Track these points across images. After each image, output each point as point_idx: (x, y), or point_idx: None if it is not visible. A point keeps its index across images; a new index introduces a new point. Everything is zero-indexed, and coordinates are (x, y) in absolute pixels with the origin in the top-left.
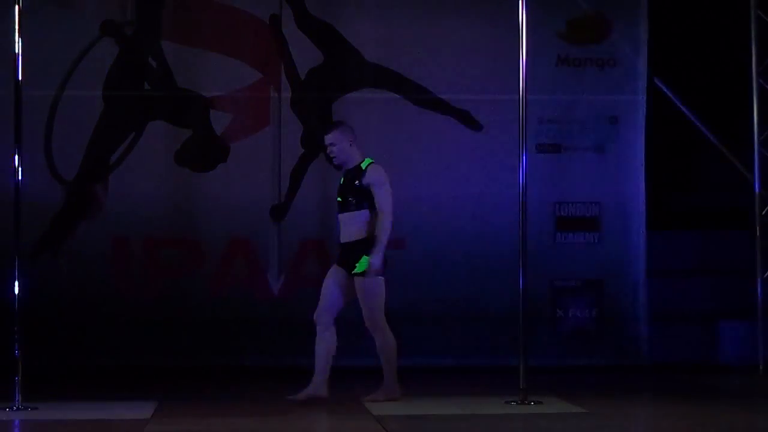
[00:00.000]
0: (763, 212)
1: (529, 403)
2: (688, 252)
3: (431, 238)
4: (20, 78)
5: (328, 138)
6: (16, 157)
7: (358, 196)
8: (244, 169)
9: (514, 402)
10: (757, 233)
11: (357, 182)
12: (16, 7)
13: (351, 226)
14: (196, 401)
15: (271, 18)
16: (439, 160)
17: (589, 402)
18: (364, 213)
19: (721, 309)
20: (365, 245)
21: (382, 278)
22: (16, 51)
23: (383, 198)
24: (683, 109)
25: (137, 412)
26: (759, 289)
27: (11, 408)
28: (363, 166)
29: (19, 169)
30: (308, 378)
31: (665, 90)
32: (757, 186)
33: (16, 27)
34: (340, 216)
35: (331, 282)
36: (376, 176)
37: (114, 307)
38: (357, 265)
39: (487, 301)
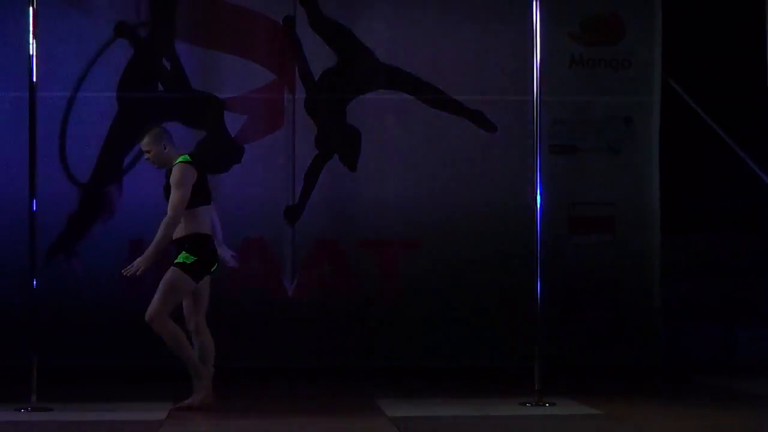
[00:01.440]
0: None
1: (543, 405)
2: (703, 252)
3: (445, 239)
4: (35, 79)
5: (142, 146)
6: (31, 158)
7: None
8: (258, 171)
9: (528, 403)
10: None
11: (166, 182)
12: (31, 8)
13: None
14: (212, 401)
15: (284, 19)
16: (453, 161)
17: (604, 403)
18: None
19: (737, 310)
20: (184, 243)
21: (188, 277)
22: (31, 52)
23: (172, 199)
24: (698, 109)
25: (152, 413)
26: None
27: (26, 409)
28: (173, 166)
29: (34, 170)
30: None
31: (680, 90)
32: None
33: (31, 28)
34: None
35: None
36: (173, 177)
37: (128, 308)
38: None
39: (502, 301)
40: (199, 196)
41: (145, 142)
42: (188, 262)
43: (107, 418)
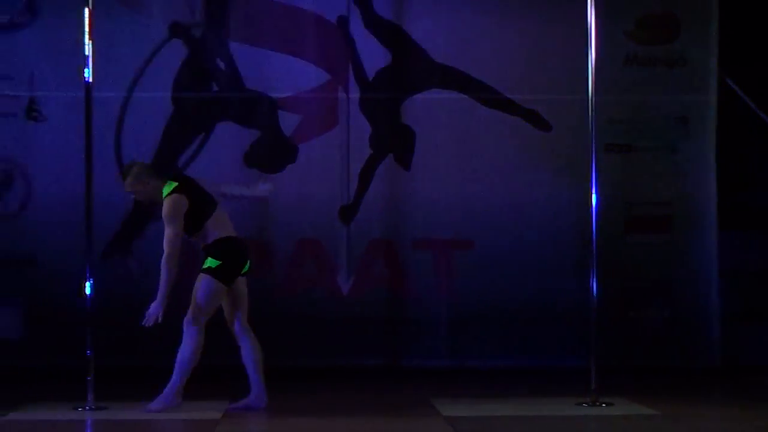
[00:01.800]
0: None
1: (599, 405)
2: (760, 252)
3: (499, 238)
4: (90, 80)
5: (126, 189)
6: (87, 158)
7: None
8: (312, 170)
9: (584, 403)
10: None
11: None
12: (87, 9)
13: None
14: (268, 400)
15: (338, 19)
16: (507, 161)
17: (659, 404)
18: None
19: None
20: (209, 249)
21: (218, 281)
22: (87, 53)
23: (166, 234)
24: (755, 108)
25: (207, 412)
26: None
27: (83, 408)
28: (163, 197)
29: (90, 170)
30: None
31: (736, 89)
32: None
33: (87, 29)
34: None
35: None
36: (164, 212)
37: (183, 307)
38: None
39: (557, 301)
40: (202, 212)
41: (127, 184)
42: (213, 266)
43: (162, 417)
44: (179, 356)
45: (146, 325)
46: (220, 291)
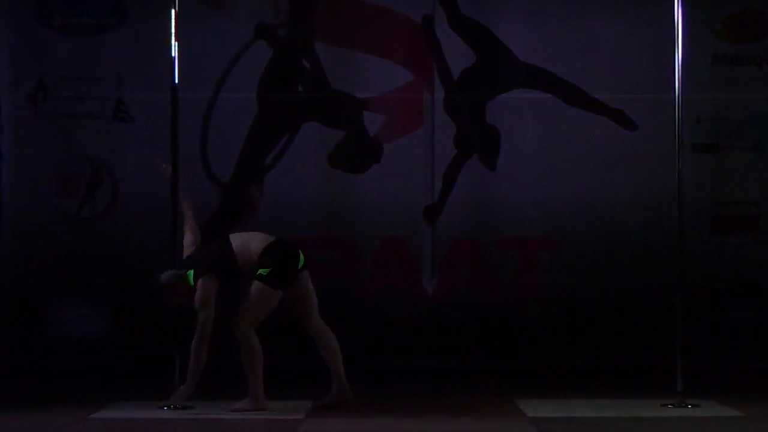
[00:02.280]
0: None
1: (686, 406)
2: None
3: (585, 238)
4: (176, 81)
5: (171, 304)
6: (173, 159)
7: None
8: (397, 170)
9: (670, 405)
10: None
11: None
12: (173, 11)
13: None
14: (350, 401)
15: (423, 18)
16: (593, 161)
17: (747, 405)
18: None
19: None
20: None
21: (270, 288)
22: (173, 54)
23: (199, 319)
24: None
25: (291, 411)
26: None
27: (169, 407)
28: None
29: (177, 171)
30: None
31: None
32: None
33: (173, 31)
34: None
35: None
36: (196, 301)
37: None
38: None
39: (643, 301)
40: (234, 266)
41: (171, 300)
42: (265, 274)
43: (247, 416)
44: (244, 364)
45: (173, 406)
46: (274, 297)
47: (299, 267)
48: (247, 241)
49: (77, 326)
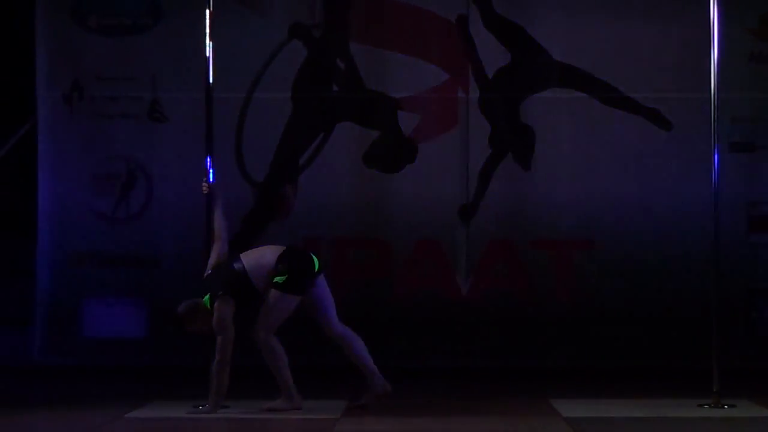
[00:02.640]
0: None
1: (722, 407)
2: None
3: (621, 238)
4: (211, 81)
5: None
6: (208, 159)
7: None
8: (432, 170)
9: (707, 405)
10: None
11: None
12: (207, 10)
13: None
14: (385, 401)
15: (458, 18)
16: (628, 160)
17: None
18: None
19: None
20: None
21: (288, 294)
22: (207, 54)
23: (218, 343)
24: None
25: (326, 411)
26: None
27: (204, 406)
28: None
29: (211, 170)
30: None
31: None
32: None
33: (207, 30)
34: None
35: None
36: (214, 324)
37: (302, 306)
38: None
39: (678, 302)
40: (249, 287)
41: (191, 330)
42: (281, 281)
43: (282, 416)
44: (271, 368)
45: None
46: (292, 303)
47: (315, 271)
48: (258, 258)
49: (112, 326)
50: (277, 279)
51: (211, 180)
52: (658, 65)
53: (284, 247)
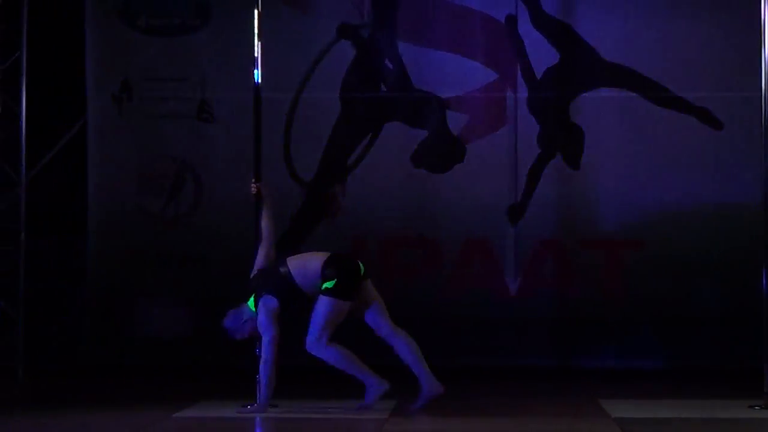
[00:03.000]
0: None
1: None
2: None
3: (670, 238)
4: (259, 81)
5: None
6: (256, 159)
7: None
8: (480, 170)
9: (757, 407)
10: None
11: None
12: (255, 11)
13: None
14: (434, 401)
15: (506, 18)
16: (678, 159)
17: None
18: None
19: None
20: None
21: (338, 300)
22: (256, 54)
23: (264, 342)
24: None
25: (375, 411)
26: None
27: (251, 405)
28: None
29: (259, 171)
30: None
31: None
32: None
33: (256, 31)
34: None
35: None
36: (259, 325)
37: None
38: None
39: (728, 302)
40: (292, 290)
41: (239, 337)
42: (331, 287)
43: (331, 416)
44: (344, 369)
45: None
46: (343, 309)
47: (361, 275)
48: (304, 263)
49: (161, 325)
50: (326, 285)
51: (257, 181)
52: (707, 64)
53: (329, 254)
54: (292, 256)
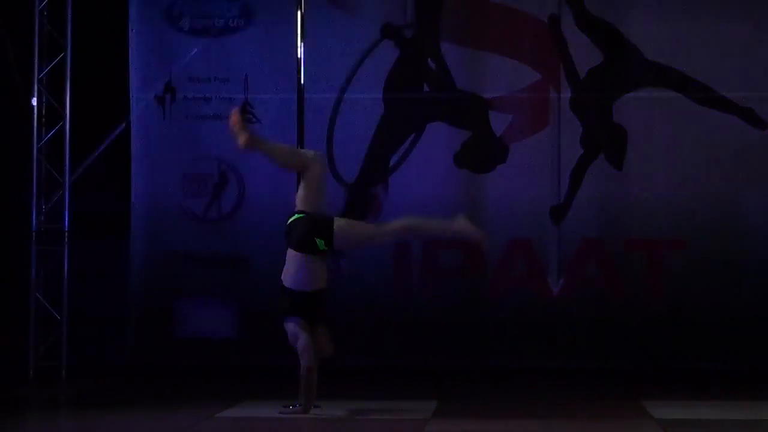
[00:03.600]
0: None
1: None
2: None
3: (713, 238)
4: (303, 82)
5: None
6: None
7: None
8: (523, 170)
9: None
10: None
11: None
12: (299, 12)
13: (322, 272)
14: (475, 402)
15: (550, 18)
16: (721, 159)
17: None
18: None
19: None
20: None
21: None
22: (299, 55)
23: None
24: None
25: (417, 412)
26: None
27: (296, 406)
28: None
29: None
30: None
31: None
32: None
33: (298, 31)
34: (310, 257)
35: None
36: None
37: (396, 307)
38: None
39: None
40: None
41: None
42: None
43: (374, 416)
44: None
45: (298, 405)
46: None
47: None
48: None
49: (203, 326)
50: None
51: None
52: (752, 64)
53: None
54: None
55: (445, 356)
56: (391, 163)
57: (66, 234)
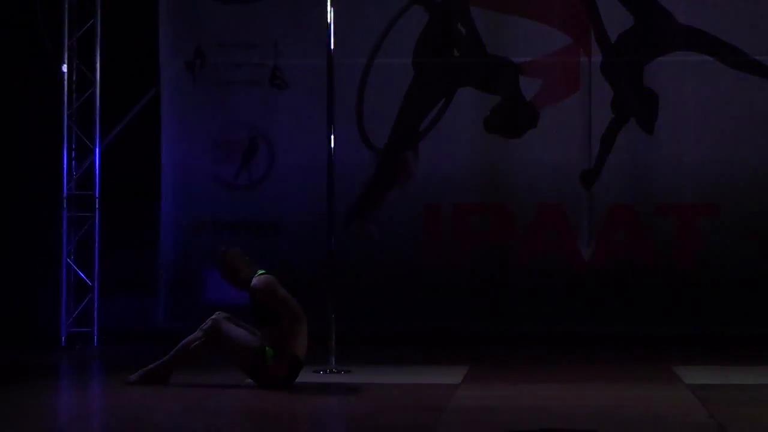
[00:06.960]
0: None
1: None
2: None
3: (744, 202)
4: (332, 47)
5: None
6: (329, 125)
7: None
8: (553, 135)
9: None
10: None
11: None
12: None
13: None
14: (505, 367)
15: None
16: (754, 123)
17: None
18: None
19: None
20: None
21: None
22: (329, 20)
23: None
24: None
25: (448, 377)
26: None
27: (326, 371)
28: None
29: (332, 136)
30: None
31: None
32: None
33: None
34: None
35: None
36: None
37: (425, 272)
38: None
39: None
40: None
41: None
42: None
43: (404, 380)
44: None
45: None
46: None
47: None
48: None
49: (233, 291)
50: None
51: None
52: None
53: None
54: None
55: (475, 321)
56: (421, 128)
57: (96, 200)
